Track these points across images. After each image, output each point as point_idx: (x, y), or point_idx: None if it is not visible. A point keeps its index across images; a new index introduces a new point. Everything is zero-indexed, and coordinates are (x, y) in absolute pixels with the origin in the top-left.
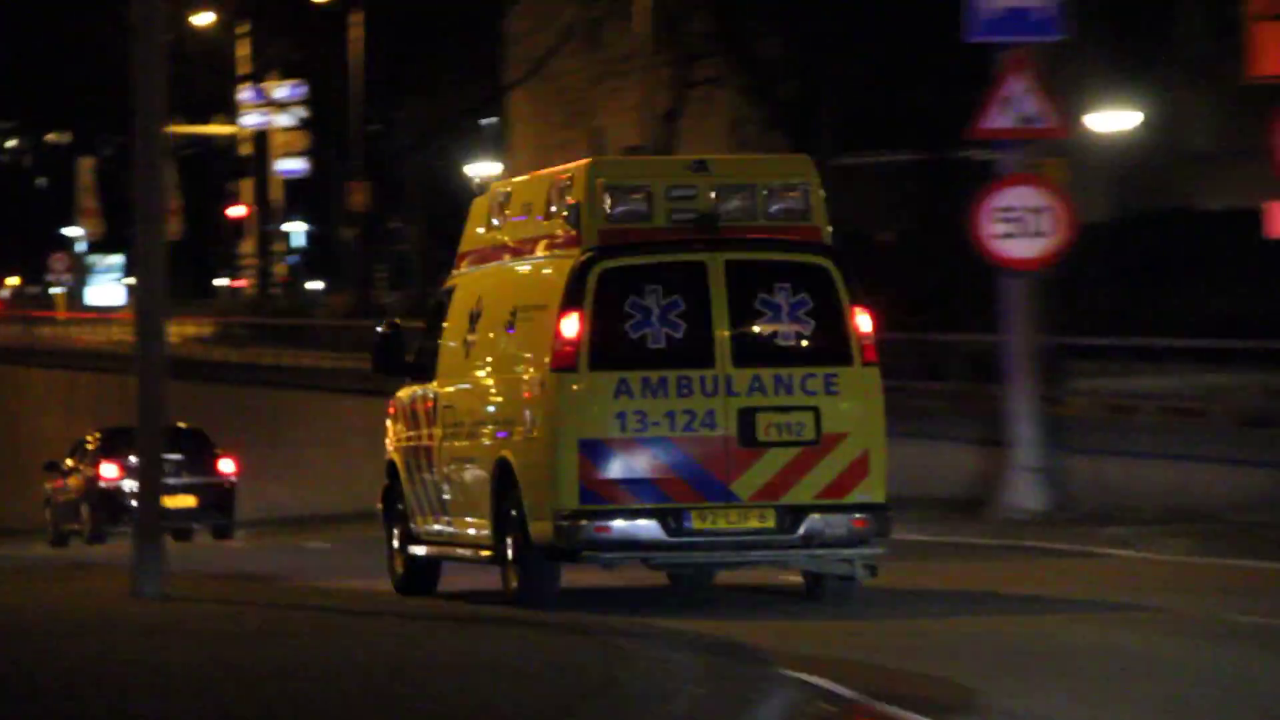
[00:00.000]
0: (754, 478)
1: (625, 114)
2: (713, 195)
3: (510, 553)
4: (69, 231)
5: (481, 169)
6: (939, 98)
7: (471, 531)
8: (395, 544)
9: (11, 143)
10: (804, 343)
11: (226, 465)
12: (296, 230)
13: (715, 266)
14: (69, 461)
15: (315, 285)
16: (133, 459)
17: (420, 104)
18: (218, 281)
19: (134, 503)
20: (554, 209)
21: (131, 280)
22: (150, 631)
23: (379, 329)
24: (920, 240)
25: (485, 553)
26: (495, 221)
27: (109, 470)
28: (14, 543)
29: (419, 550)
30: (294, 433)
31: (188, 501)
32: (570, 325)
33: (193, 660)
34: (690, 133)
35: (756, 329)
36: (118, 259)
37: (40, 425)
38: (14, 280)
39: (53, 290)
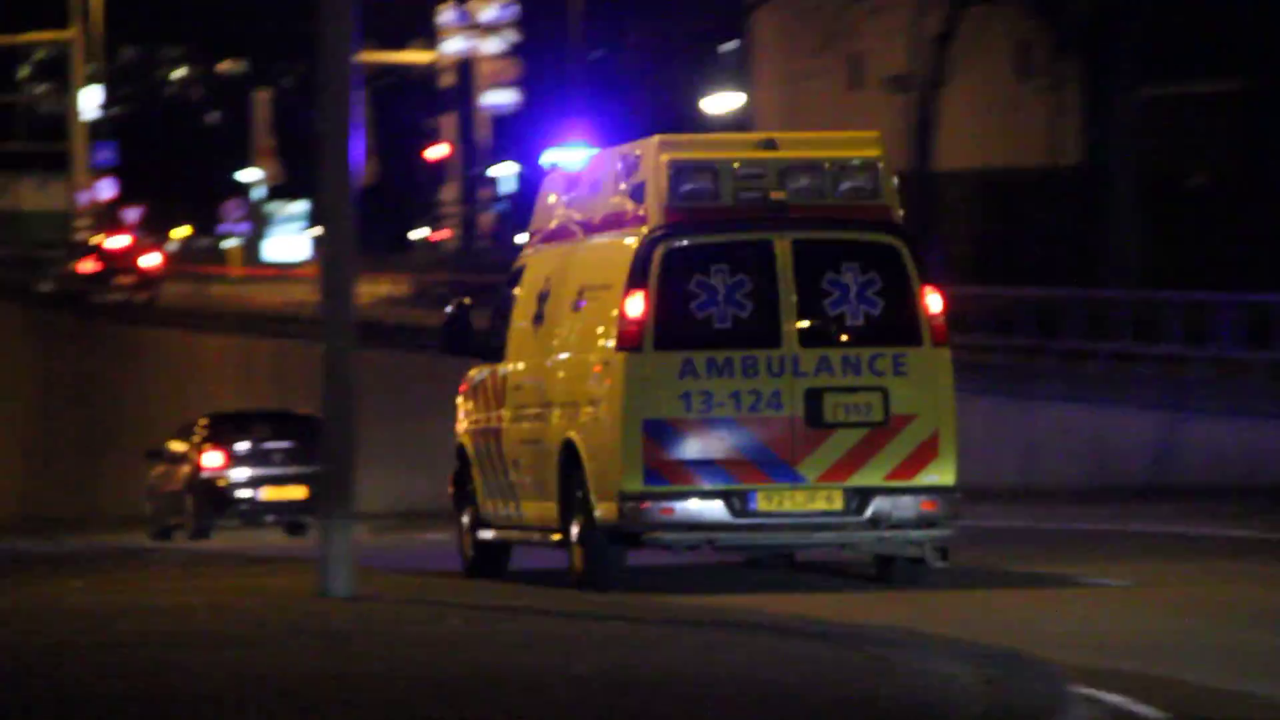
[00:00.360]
0: (821, 459)
1: (888, 37)
2: (781, 174)
3: (576, 534)
4: (244, 175)
5: (720, 101)
6: (1265, 14)
7: (539, 514)
8: (465, 527)
9: (179, 73)
10: (872, 323)
11: None
12: (505, 174)
13: (783, 246)
14: (176, 447)
15: (526, 237)
16: (240, 446)
17: (649, 26)
18: (415, 233)
19: (240, 494)
20: (622, 186)
21: (316, 232)
22: (340, 637)
23: (448, 308)
24: (1241, 183)
25: (554, 536)
26: (565, 198)
27: (212, 459)
28: (115, 532)
29: (487, 534)
30: None
31: (297, 493)
32: (635, 304)
33: (386, 669)
34: (966, 59)
35: (824, 309)
36: (300, 207)
37: (212, 399)
38: (183, 231)
39: (226, 243)
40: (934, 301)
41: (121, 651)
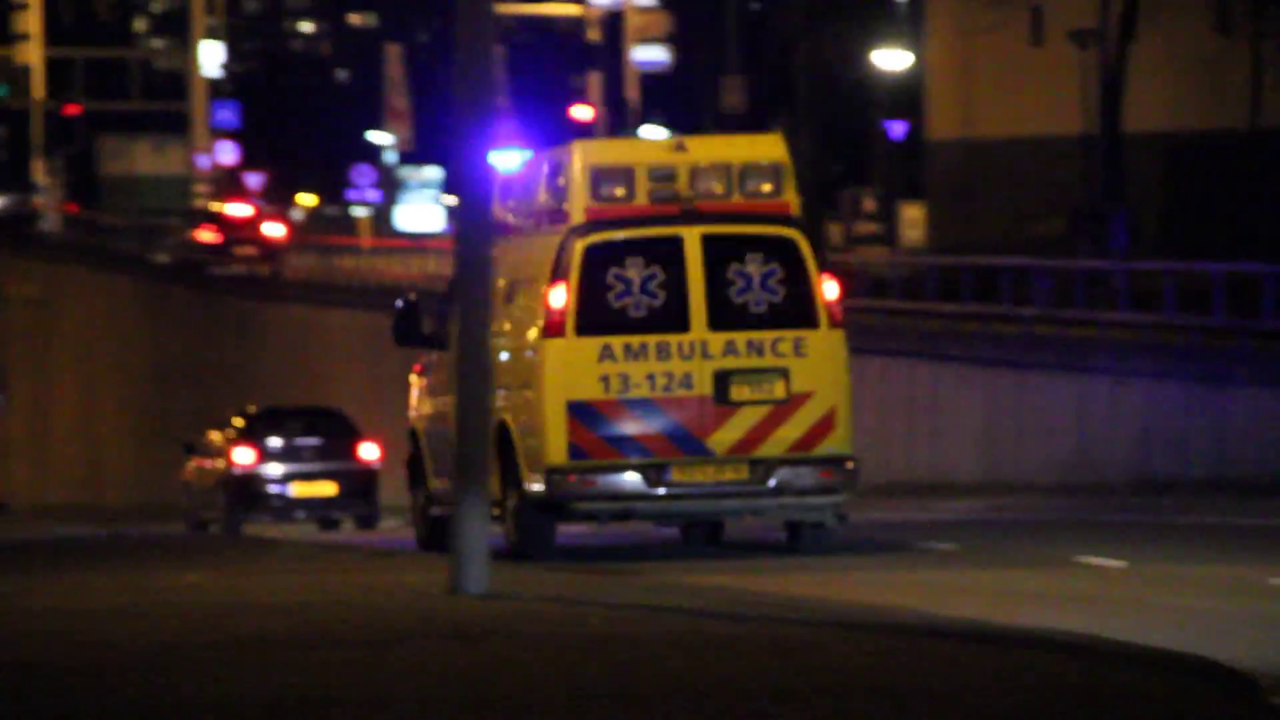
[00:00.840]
0: (728, 434)
1: None
2: (691, 175)
3: (511, 508)
4: (375, 138)
5: (889, 59)
6: None
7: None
8: (419, 505)
9: (306, 25)
10: (774, 309)
11: (369, 451)
12: (654, 136)
13: (691, 239)
14: (216, 437)
15: None
16: (272, 442)
17: None
18: None
19: (271, 489)
20: (548, 187)
21: (452, 200)
22: (473, 637)
23: (398, 302)
24: None
25: (494, 510)
26: (505, 199)
27: (243, 455)
28: (154, 525)
29: (437, 511)
30: None
31: (327, 489)
32: (558, 296)
33: (521, 671)
34: (1157, 12)
35: (729, 297)
36: (434, 173)
37: (341, 377)
38: (309, 199)
39: (356, 212)
40: (830, 288)
41: (234, 651)
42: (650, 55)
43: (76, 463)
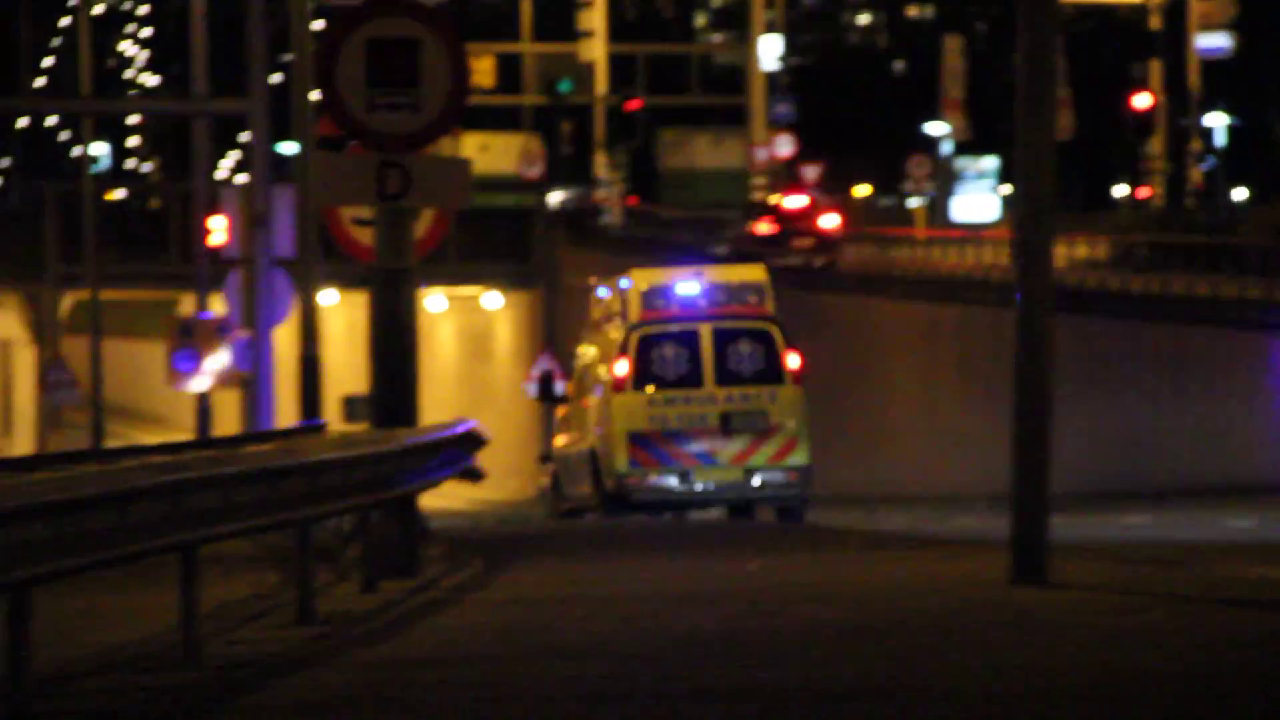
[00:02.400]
0: (729, 451)
1: None
2: (707, 291)
3: (598, 502)
4: (931, 129)
5: None
6: None
7: (586, 492)
8: (557, 505)
9: (863, 18)
10: (757, 373)
11: None
12: (1217, 125)
13: (705, 331)
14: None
15: (1240, 194)
16: None
17: None
18: (1116, 191)
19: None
20: (619, 305)
21: (1008, 189)
22: (1031, 627)
23: (535, 370)
24: None
25: (591, 505)
26: (597, 310)
27: None
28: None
29: (565, 505)
30: (1203, 381)
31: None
32: (621, 366)
33: (1075, 664)
34: None
35: (729, 366)
36: (990, 163)
37: (895, 369)
38: (864, 189)
39: (911, 202)
40: (793, 359)
41: (794, 639)
42: (1213, 42)
43: None
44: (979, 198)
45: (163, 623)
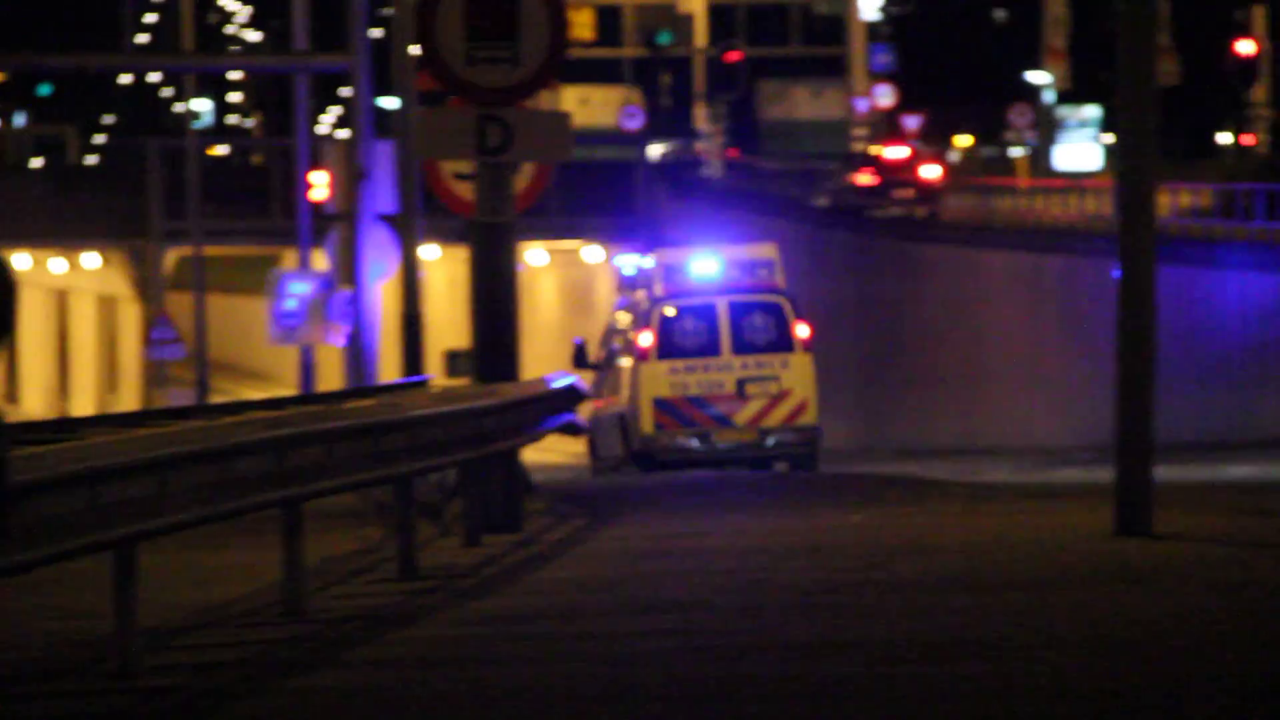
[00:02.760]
0: (745, 414)
1: None
2: (723, 266)
3: (626, 458)
4: (1033, 78)
5: None
6: None
7: (618, 453)
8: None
9: None
10: (770, 343)
11: None
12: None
13: (722, 305)
14: None
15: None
16: None
17: None
18: (1220, 138)
19: None
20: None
21: (1110, 138)
22: (1134, 579)
23: (575, 340)
24: None
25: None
26: (628, 280)
27: None
28: (897, 462)
29: (600, 464)
30: None
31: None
32: (646, 338)
33: (1178, 616)
34: None
35: (744, 336)
36: (1092, 112)
37: (997, 319)
38: (965, 140)
39: (1013, 152)
40: (802, 330)
41: (898, 593)
42: None
43: None
44: (1081, 146)
45: (266, 578)
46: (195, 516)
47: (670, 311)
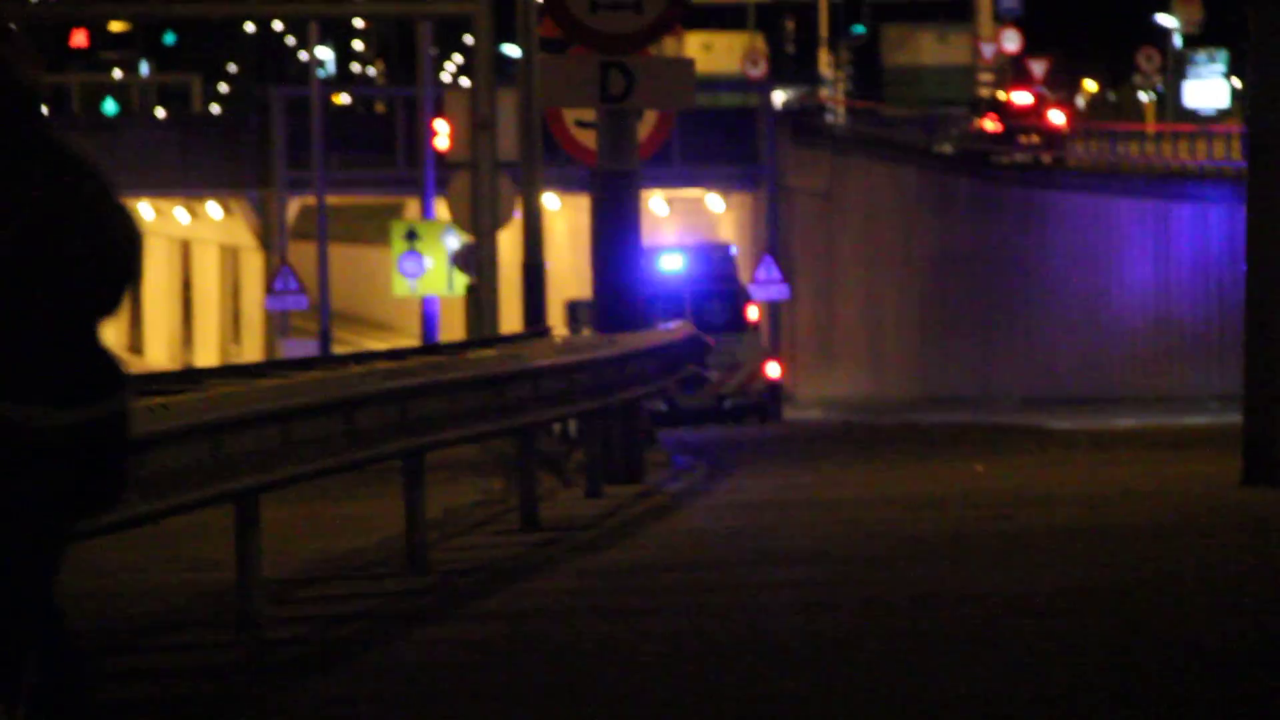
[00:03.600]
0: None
1: None
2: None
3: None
4: (1161, 21)
5: None
6: None
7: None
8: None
9: None
10: (726, 322)
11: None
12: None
13: (686, 294)
14: None
15: None
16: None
17: None
18: None
19: None
20: None
21: (1238, 81)
22: (1266, 529)
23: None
24: None
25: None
26: None
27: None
28: (1017, 413)
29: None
30: None
31: None
32: None
33: None
34: None
35: (704, 318)
36: (1221, 56)
37: (1125, 265)
38: (1091, 84)
39: (1140, 96)
40: (752, 311)
41: (1021, 543)
42: None
43: (859, 354)
44: (1210, 91)
45: (388, 530)
46: (318, 468)
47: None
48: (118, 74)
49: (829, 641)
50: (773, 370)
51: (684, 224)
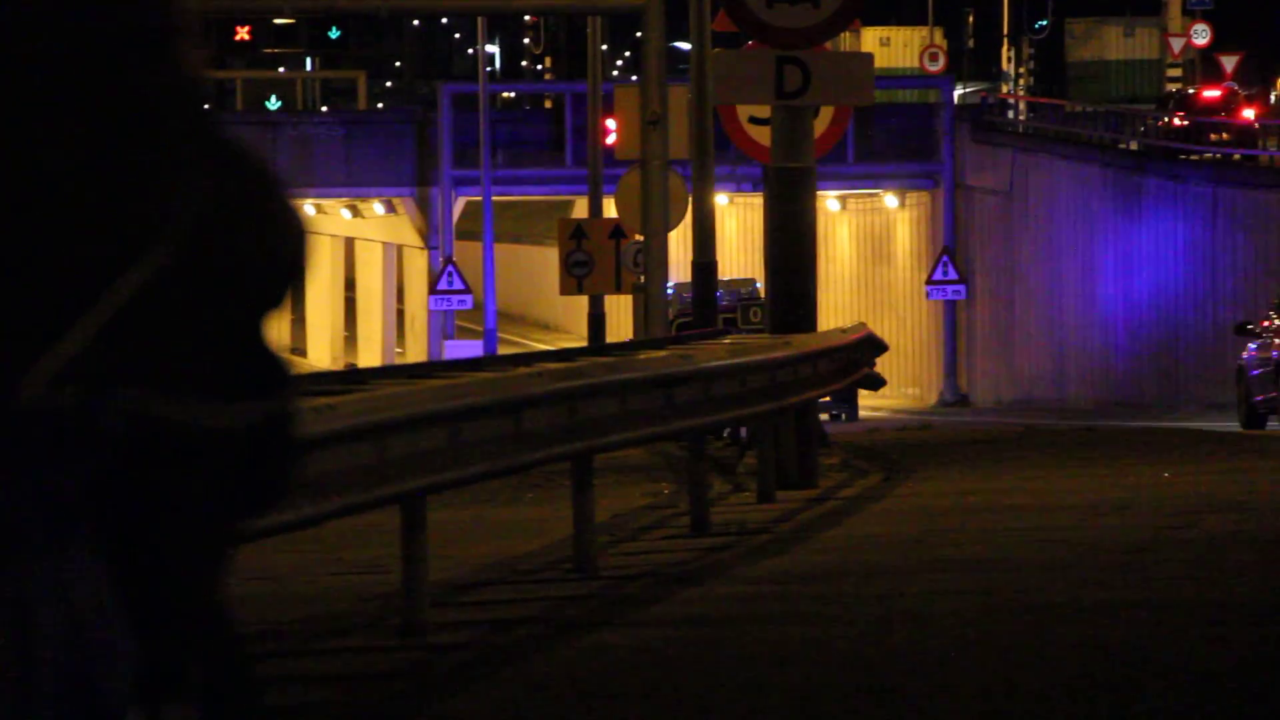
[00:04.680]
0: None
1: None
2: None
3: None
4: None
5: None
6: None
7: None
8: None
9: None
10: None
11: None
12: None
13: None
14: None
15: None
16: None
17: None
18: None
19: None
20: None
21: None
22: None
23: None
24: None
25: None
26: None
27: None
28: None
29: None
30: None
31: None
32: None
33: None
34: None
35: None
36: None
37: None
38: None
39: None
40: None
41: (1207, 552)
42: None
43: (1040, 357)
44: None
45: (556, 534)
46: (485, 470)
47: (684, 323)
48: (281, 70)
49: (1004, 653)
50: None
51: (858, 223)
